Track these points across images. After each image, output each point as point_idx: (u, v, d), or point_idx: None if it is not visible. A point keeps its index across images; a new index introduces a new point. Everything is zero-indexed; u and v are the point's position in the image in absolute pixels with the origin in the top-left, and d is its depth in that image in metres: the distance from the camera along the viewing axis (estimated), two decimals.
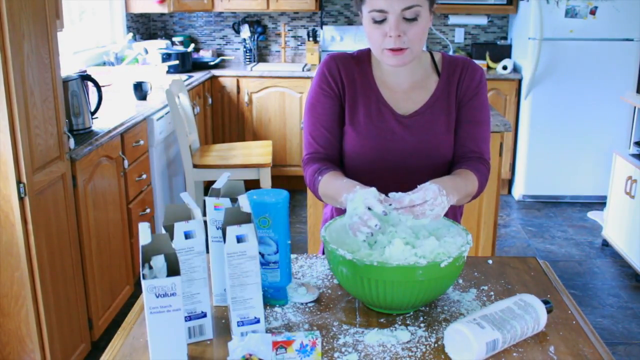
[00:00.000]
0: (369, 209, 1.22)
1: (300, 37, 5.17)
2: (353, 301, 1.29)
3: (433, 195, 1.23)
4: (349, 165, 1.56)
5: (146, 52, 4.42)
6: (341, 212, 1.63)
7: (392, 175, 1.49)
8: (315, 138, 1.57)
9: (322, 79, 1.57)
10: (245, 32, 5.01)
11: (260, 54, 5.18)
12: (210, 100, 4.64)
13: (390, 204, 1.24)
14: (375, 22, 1.42)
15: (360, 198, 1.24)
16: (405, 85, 1.56)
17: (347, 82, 1.56)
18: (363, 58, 1.59)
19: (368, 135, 1.54)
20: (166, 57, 4.46)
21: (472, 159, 1.53)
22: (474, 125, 1.55)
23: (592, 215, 4.37)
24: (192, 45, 4.88)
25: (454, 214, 1.63)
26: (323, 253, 1.73)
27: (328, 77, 1.56)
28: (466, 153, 1.54)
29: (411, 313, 1.24)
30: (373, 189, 1.25)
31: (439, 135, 1.54)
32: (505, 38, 5.07)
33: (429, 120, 1.54)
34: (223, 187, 1.23)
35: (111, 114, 2.99)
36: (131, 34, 4.48)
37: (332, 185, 1.44)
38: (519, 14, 4.70)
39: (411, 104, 1.55)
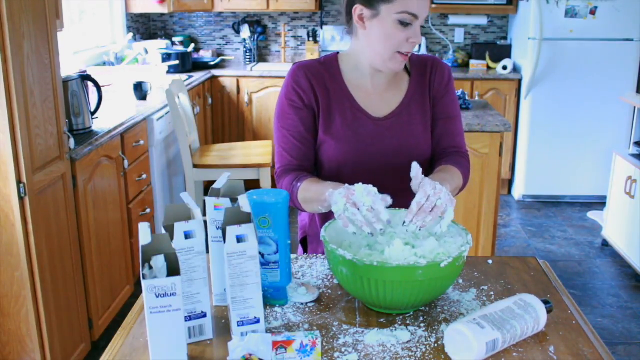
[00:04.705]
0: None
1: (300, 37, 5.17)
2: (353, 301, 1.29)
3: (431, 187, 1.23)
4: (329, 174, 1.55)
5: (146, 52, 4.42)
6: (322, 217, 1.62)
7: (373, 178, 1.45)
8: (287, 150, 1.55)
9: (290, 90, 1.54)
10: (245, 32, 5.01)
11: (260, 54, 5.18)
12: (210, 100, 4.64)
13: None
14: (402, 24, 1.42)
15: (364, 194, 1.22)
16: (379, 87, 1.57)
17: (320, 92, 1.54)
18: (331, 64, 1.57)
19: (347, 142, 1.53)
20: (166, 57, 4.46)
21: (451, 153, 1.56)
22: (448, 121, 1.58)
23: (592, 215, 4.37)
24: (192, 45, 4.88)
25: None
26: (304, 252, 1.73)
27: (297, 88, 1.53)
28: (445, 149, 1.57)
29: (411, 313, 1.24)
30: (374, 188, 1.24)
31: (417, 135, 1.55)
32: (505, 38, 5.07)
33: (406, 121, 1.55)
34: (223, 187, 1.23)
35: (111, 114, 2.99)
36: (131, 34, 4.48)
37: (314, 188, 1.42)
38: (519, 14, 4.70)
39: (386, 105, 1.56)
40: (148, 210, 3.17)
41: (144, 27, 5.04)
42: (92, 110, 2.75)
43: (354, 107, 1.54)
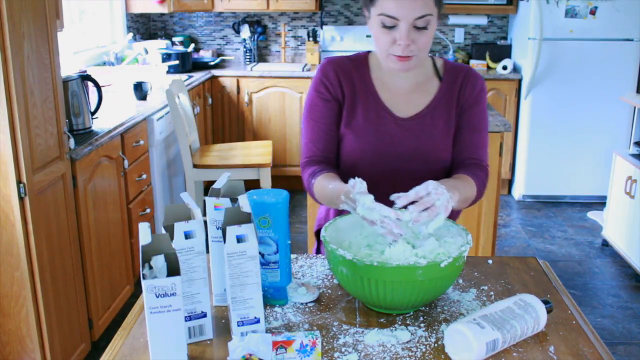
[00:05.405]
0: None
1: (300, 37, 5.17)
2: (353, 301, 1.29)
3: (433, 186, 1.23)
4: (346, 169, 1.56)
5: (146, 52, 4.42)
6: (337, 211, 1.62)
7: (390, 179, 1.48)
8: (313, 141, 1.57)
9: (319, 83, 1.57)
10: (245, 32, 5.01)
11: (260, 54, 5.18)
12: (210, 100, 4.64)
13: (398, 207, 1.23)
14: (385, 26, 1.40)
15: (368, 213, 1.22)
16: (406, 87, 1.56)
17: (346, 86, 1.55)
18: (360, 61, 1.58)
19: (366, 139, 1.53)
20: (166, 57, 4.46)
21: (470, 165, 1.54)
22: (473, 132, 1.56)
23: (592, 215, 4.37)
24: (192, 45, 4.88)
25: (452, 218, 1.62)
26: (317, 252, 1.73)
27: (325, 81, 1.56)
28: (465, 159, 1.55)
29: (411, 313, 1.24)
30: (370, 200, 1.23)
31: (437, 139, 1.54)
32: (505, 38, 5.07)
33: (429, 124, 1.54)
34: (223, 187, 1.23)
35: (111, 114, 2.99)
36: (131, 34, 4.48)
37: (326, 187, 1.44)
38: (519, 14, 4.70)
39: (411, 106, 1.55)
40: (148, 210, 3.17)
41: (144, 27, 5.04)
42: (92, 110, 2.75)
43: (378, 105, 1.55)
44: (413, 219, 1.20)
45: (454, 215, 1.66)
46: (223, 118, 4.74)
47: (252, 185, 2.98)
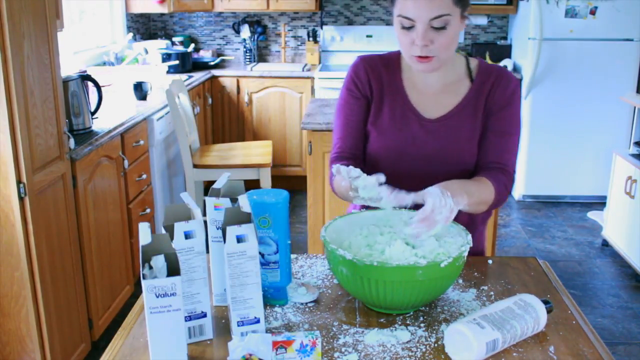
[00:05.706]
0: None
1: (300, 37, 5.17)
2: (353, 301, 1.29)
3: (439, 197, 1.21)
4: (371, 167, 1.56)
5: (146, 52, 4.42)
6: (362, 206, 1.61)
7: (412, 179, 1.44)
8: (342, 138, 1.59)
9: (350, 81, 1.59)
10: (245, 32, 5.01)
11: (260, 54, 5.18)
12: (210, 100, 4.64)
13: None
14: (404, 27, 1.41)
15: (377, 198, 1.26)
16: (436, 88, 1.54)
17: (375, 85, 1.57)
18: (392, 61, 1.59)
19: (390, 138, 1.54)
20: (166, 57, 4.46)
21: (493, 169, 1.50)
22: (500, 136, 1.52)
23: (592, 215, 4.37)
24: (192, 45, 4.88)
25: (472, 221, 1.58)
26: None
27: (355, 79, 1.58)
28: (488, 163, 1.51)
29: (411, 313, 1.24)
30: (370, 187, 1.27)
31: (461, 142, 1.52)
32: (505, 38, 5.07)
33: (455, 126, 1.52)
34: (223, 187, 1.23)
35: (111, 114, 2.99)
36: (131, 34, 4.48)
37: (340, 183, 1.42)
38: (519, 14, 4.70)
39: (440, 107, 1.54)
40: (148, 210, 3.17)
41: (144, 27, 5.04)
42: (92, 110, 2.75)
43: (405, 105, 1.54)
44: (415, 234, 1.22)
45: (478, 220, 1.61)
46: (223, 118, 4.74)
47: (252, 185, 2.99)
